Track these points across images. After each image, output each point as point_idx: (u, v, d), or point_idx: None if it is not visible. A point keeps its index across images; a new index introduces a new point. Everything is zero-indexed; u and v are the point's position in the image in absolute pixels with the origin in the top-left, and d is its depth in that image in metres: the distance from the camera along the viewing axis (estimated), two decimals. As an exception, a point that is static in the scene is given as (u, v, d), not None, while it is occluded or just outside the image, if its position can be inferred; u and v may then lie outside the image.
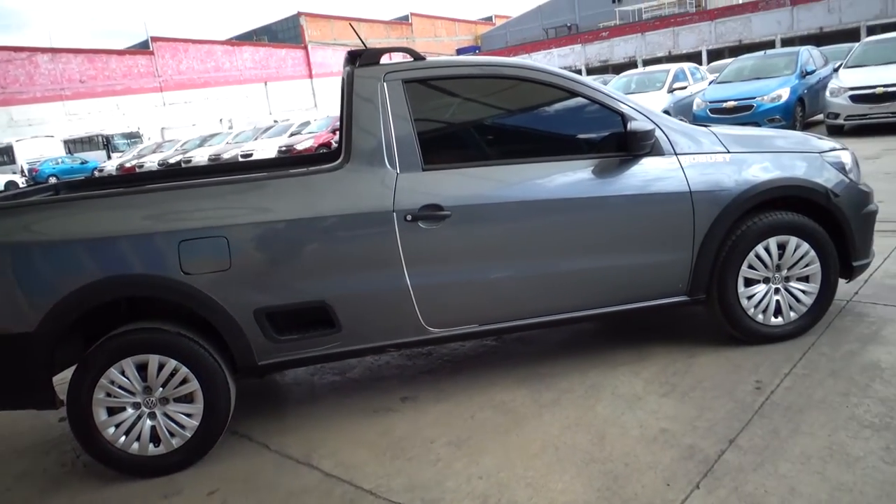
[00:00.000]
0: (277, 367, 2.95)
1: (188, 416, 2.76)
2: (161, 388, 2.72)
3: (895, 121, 10.15)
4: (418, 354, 3.75)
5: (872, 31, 27.84)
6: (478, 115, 3.31)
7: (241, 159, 17.18)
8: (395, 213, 2.81)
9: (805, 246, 3.21)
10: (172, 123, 41.72)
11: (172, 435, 2.75)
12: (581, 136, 3.24)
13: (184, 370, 2.72)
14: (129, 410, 2.72)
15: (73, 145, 33.77)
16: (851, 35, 29.49)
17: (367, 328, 2.92)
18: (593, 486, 2.33)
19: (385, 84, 2.93)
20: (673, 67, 14.59)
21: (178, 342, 2.70)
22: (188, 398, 2.76)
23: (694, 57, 34.74)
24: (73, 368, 2.73)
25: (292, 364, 2.95)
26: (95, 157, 30.76)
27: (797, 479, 2.22)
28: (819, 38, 30.08)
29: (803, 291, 3.27)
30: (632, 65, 36.58)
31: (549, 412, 2.89)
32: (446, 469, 2.56)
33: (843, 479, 2.19)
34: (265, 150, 18.84)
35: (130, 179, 4.41)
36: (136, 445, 2.73)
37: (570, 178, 3.01)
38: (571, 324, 3.41)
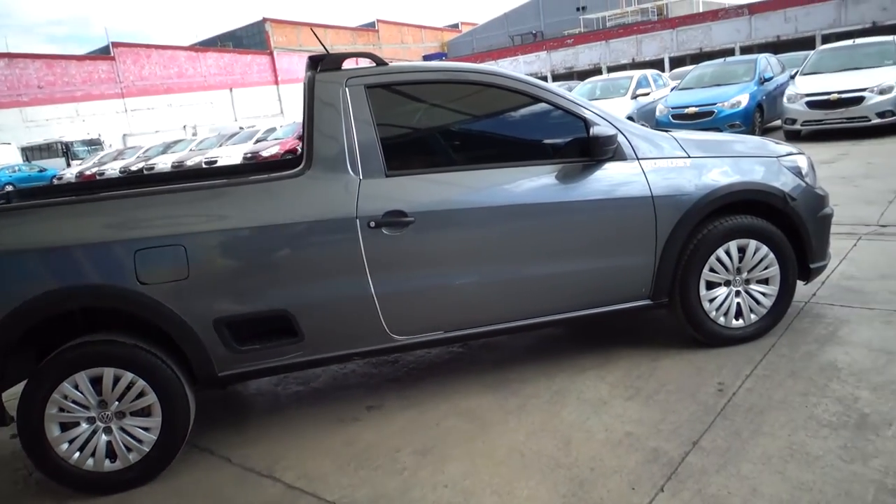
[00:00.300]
0: (239, 378, 2.89)
1: (145, 430, 2.68)
2: (117, 402, 2.64)
3: (849, 126, 10.46)
4: (384, 362, 3.72)
5: (827, 39, 28.67)
6: (441, 121, 3.31)
7: (204, 166, 16.92)
8: (357, 220, 2.78)
9: (764, 249, 3.26)
10: (135, 130, 40.94)
11: (129, 450, 2.67)
12: (545, 141, 3.25)
13: (140, 383, 2.64)
14: (84, 425, 2.63)
15: (31, 153, 32.86)
16: (807, 43, 30.30)
17: (330, 337, 2.88)
18: (559, 492, 2.32)
19: (347, 89, 2.90)
20: (636, 74, 14.82)
21: (134, 354, 2.63)
22: (145, 412, 2.68)
23: (657, 64, 35.35)
24: (24, 383, 2.63)
25: (254, 375, 2.89)
26: (54, 165, 29.95)
27: (759, 480, 2.24)
28: (776, 46, 30.85)
29: (763, 294, 3.32)
30: (596, 71, 37.06)
31: (515, 418, 2.89)
32: (412, 478, 2.53)
33: (803, 479, 2.22)
34: (230, 156, 18.56)
35: (89, 187, 4.29)
36: (90, 461, 2.64)
37: (533, 183, 3.01)
38: (537, 329, 3.41)
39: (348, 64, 3.00)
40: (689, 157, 3.22)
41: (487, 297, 3.02)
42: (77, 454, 2.63)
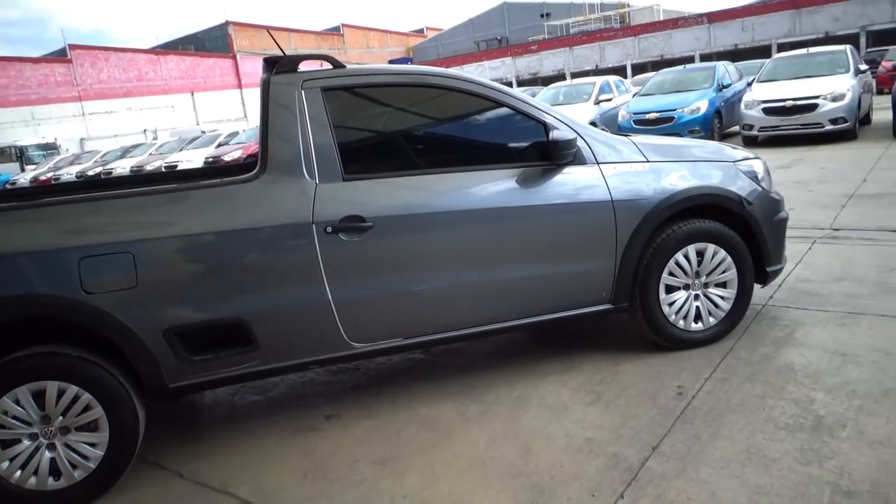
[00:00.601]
0: (191, 390, 2.79)
1: (92, 445, 2.56)
2: (61, 417, 2.52)
3: (804, 132, 10.73)
4: (344, 370, 3.65)
5: (782, 47, 29.52)
6: (399, 124, 3.26)
7: (164, 171, 16.54)
8: (314, 225, 2.71)
9: (722, 253, 3.29)
10: (93, 134, 40.00)
11: (74, 467, 2.55)
12: (505, 145, 3.24)
13: (86, 396, 2.52)
14: (26, 442, 2.50)
15: (-17, 157, 31.79)
16: (763, 52, 31.16)
17: (286, 345, 2.80)
18: (519, 501, 2.29)
19: (303, 91, 2.83)
20: (599, 80, 15.00)
21: (78, 366, 2.51)
22: (92, 426, 2.56)
23: (619, 70, 35.94)
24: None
25: (207, 385, 2.80)
26: (8, 170, 29.00)
27: (717, 484, 2.24)
28: (734, 54, 31.63)
29: (721, 297, 3.35)
30: (560, 77, 37.47)
31: (477, 425, 2.85)
32: (370, 490, 2.47)
33: (760, 482, 2.23)
34: (191, 161, 18.23)
35: (36, 192, 4.14)
36: (33, 480, 2.51)
37: (493, 187, 2.98)
38: (499, 334, 3.38)
39: (312, 66, 2.93)
40: (648, 161, 3.23)
41: (448, 303, 2.98)
42: (18, 472, 2.49)
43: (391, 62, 53.80)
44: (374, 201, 2.81)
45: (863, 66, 11.67)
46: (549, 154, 3.01)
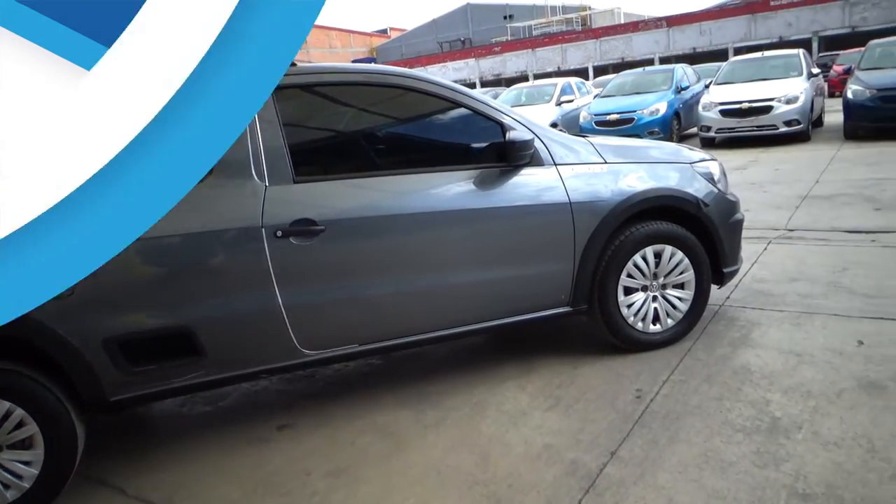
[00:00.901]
0: (134, 402, 2.66)
1: (26, 464, 2.41)
2: (-9, 435, 2.38)
3: (759, 134, 10.95)
4: (300, 377, 3.54)
5: (738, 51, 30.18)
6: (353, 125, 3.17)
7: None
8: (263, 229, 2.61)
9: (679, 254, 3.29)
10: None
11: (7, 487, 2.40)
12: (461, 146, 3.18)
13: (19, 412, 2.38)
14: (-48, 462, 2.36)
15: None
16: (720, 55, 31.86)
17: (235, 354, 2.70)
18: (475, 512, 2.23)
19: (251, 91, 2.72)
20: (560, 82, 15.08)
21: (10, 381, 2.36)
22: (26, 443, 2.41)
23: (581, 72, 36.30)
24: None
25: (150, 398, 2.68)
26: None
27: (675, 489, 2.22)
28: (692, 58, 32.25)
29: (679, 298, 3.35)
30: (523, 79, 37.68)
31: (434, 433, 2.78)
32: (323, 503, 2.38)
33: (717, 487, 2.21)
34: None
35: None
36: (-39, 502, 2.37)
37: (449, 189, 2.92)
38: (456, 339, 3.32)
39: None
40: (606, 162, 3.21)
41: (403, 307, 2.90)
42: (-56, 494, 2.35)
43: (354, 62, 53.47)
44: (326, 204, 2.72)
45: (815, 70, 11.97)
46: (506, 155, 2.96)
